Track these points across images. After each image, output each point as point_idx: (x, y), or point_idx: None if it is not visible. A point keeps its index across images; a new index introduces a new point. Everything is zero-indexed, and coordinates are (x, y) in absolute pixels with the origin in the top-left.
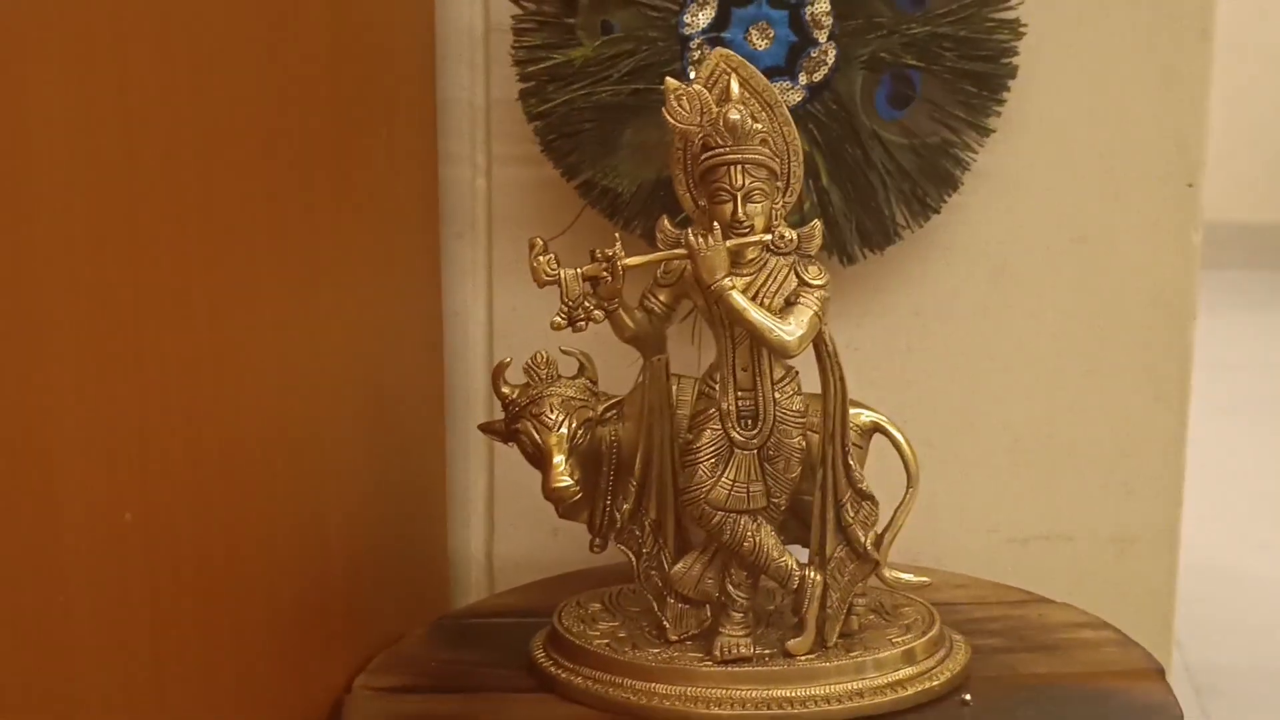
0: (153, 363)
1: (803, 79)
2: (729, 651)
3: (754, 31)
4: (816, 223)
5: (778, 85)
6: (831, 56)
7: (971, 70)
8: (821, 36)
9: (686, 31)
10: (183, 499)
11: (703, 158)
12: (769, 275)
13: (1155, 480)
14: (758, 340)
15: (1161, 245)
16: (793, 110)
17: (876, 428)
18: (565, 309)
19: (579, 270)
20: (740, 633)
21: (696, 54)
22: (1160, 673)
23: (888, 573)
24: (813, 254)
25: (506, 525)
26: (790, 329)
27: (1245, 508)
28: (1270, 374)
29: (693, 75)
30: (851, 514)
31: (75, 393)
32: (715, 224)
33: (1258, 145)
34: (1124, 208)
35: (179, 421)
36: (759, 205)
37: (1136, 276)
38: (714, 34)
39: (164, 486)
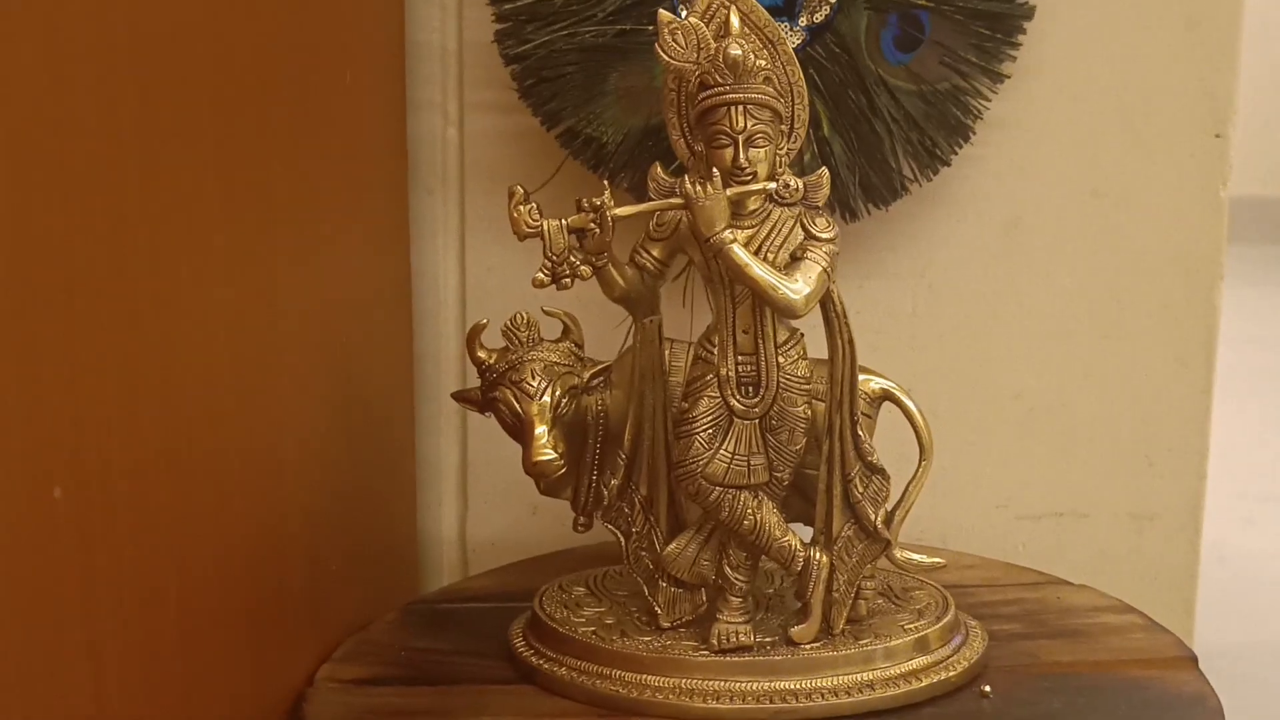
0: (87, 327)
1: (803, 20)
2: (727, 639)
3: None
4: (824, 171)
5: None
6: None
7: (984, 10)
8: None
9: None
10: (121, 473)
11: (700, 98)
12: (773, 227)
13: (1177, 453)
14: (761, 299)
15: (1187, 200)
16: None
17: (887, 395)
18: (549, 264)
19: (564, 221)
20: (739, 619)
21: None
22: (1193, 661)
23: (899, 553)
24: (820, 204)
25: (481, 502)
26: (797, 286)
27: (1261, 487)
28: None
29: (684, 15)
30: (860, 489)
31: None
32: (714, 171)
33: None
34: (1147, 160)
35: (116, 389)
36: (762, 150)
37: (1159, 234)
38: None
39: (99, 459)
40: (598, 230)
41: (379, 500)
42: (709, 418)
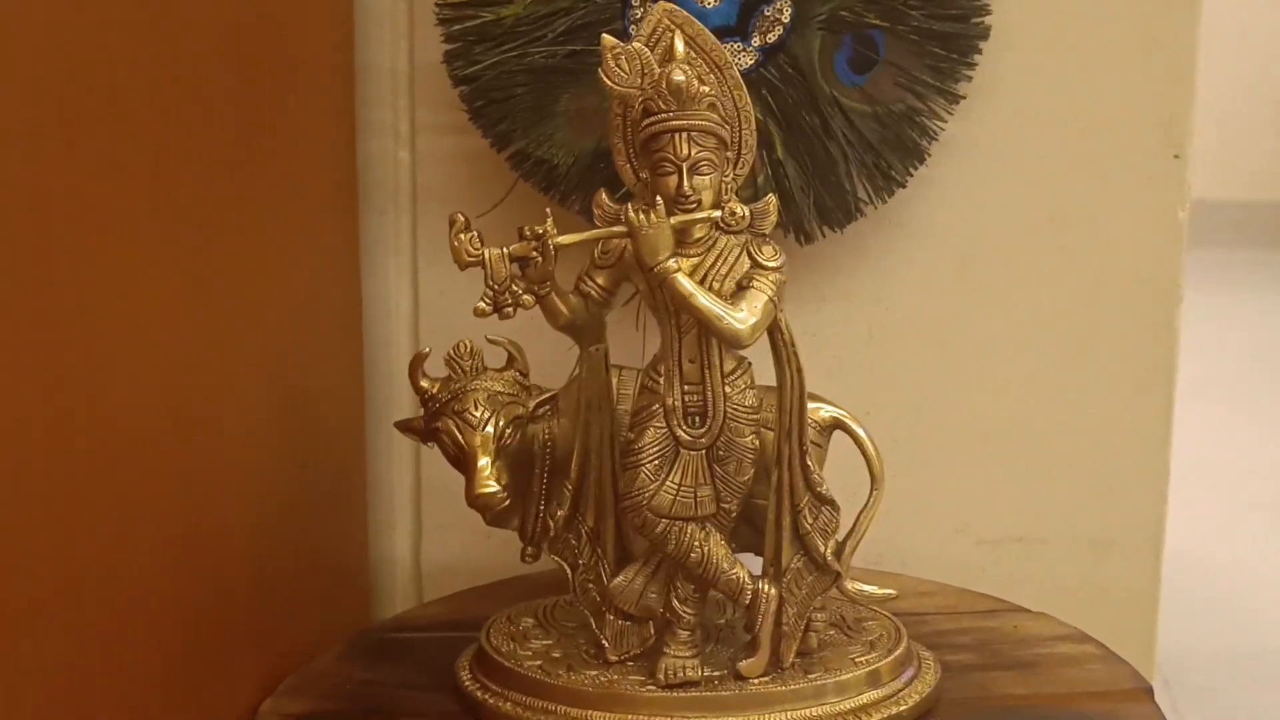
0: (13, 351)
1: (756, 40)
2: (675, 674)
3: None
4: (771, 198)
5: (728, 46)
6: (787, 15)
7: (940, 31)
8: None
9: None
10: (48, 502)
11: (644, 124)
12: (718, 256)
13: (1137, 479)
14: (706, 328)
15: (1145, 223)
16: (744, 74)
17: (837, 424)
18: (490, 293)
19: (505, 250)
20: (687, 653)
21: (639, 12)
22: (1148, 693)
23: (850, 585)
24: (767, 232)
25: (435, 527)
26: (742, 316)
27: (1223, 492)
28: (1255, 356)
29: (634, 34)
30: (810, 520)
31: None
32: (658, 198)
33: (1242, 119)
34: (1105, 182)
35: (42, 413)
36: (707, 178)
37: (1118, 257)
38: None
39: (21, 488)
40: (540, 259)
41: (328, 525)
42: (655, 448)
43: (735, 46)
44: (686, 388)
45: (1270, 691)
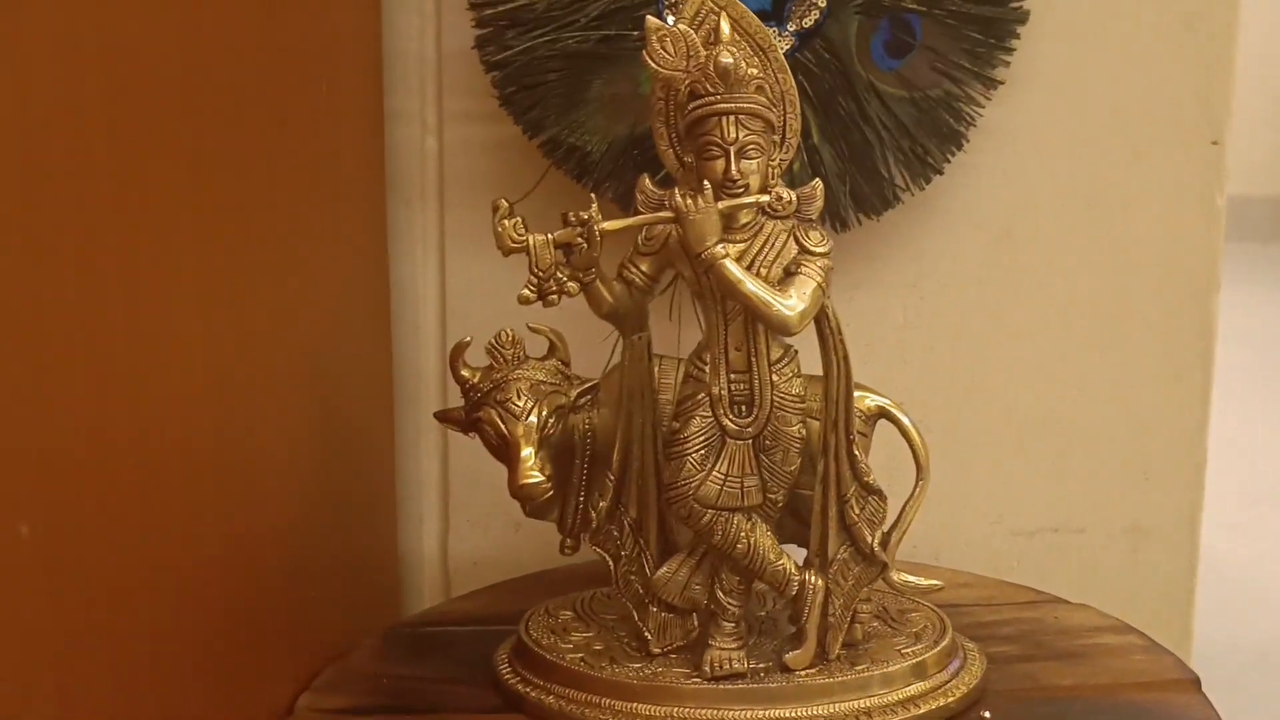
0: (53, 349)
1: (792, 25)
2: (720, 666)
3: None
4: (818, 182)
5: None
6: (824, 0)
7: (977, 15)
8: None
9: None
10: (90, 505)
11: (690, 108)
12: (765, 241)
13: (1174, 467)
14: (754, 315)
15: (1183, 209)
16: None
17: (883, 413)
18: (535, 280)
19: (550, 236)
20: (732, 645)
21: None
22: (1195, 683)
23: (896, 576)
24: (814, 217)
25: (463, 521)
26: (791, 303)
27: (1260, 482)
28: None
29: (671, 21)
30: (856, 510)
31: None
32: (705, 183)
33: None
34: (1142, 168)
35: (85, 416)
36: (755, 162)
37: (1155, 243)
38: None
39: (67, 492)
40: (585, 245)
41: (358, 519)
42: (701, 438)
43: (772, 31)
44: (733, 376)
45: None
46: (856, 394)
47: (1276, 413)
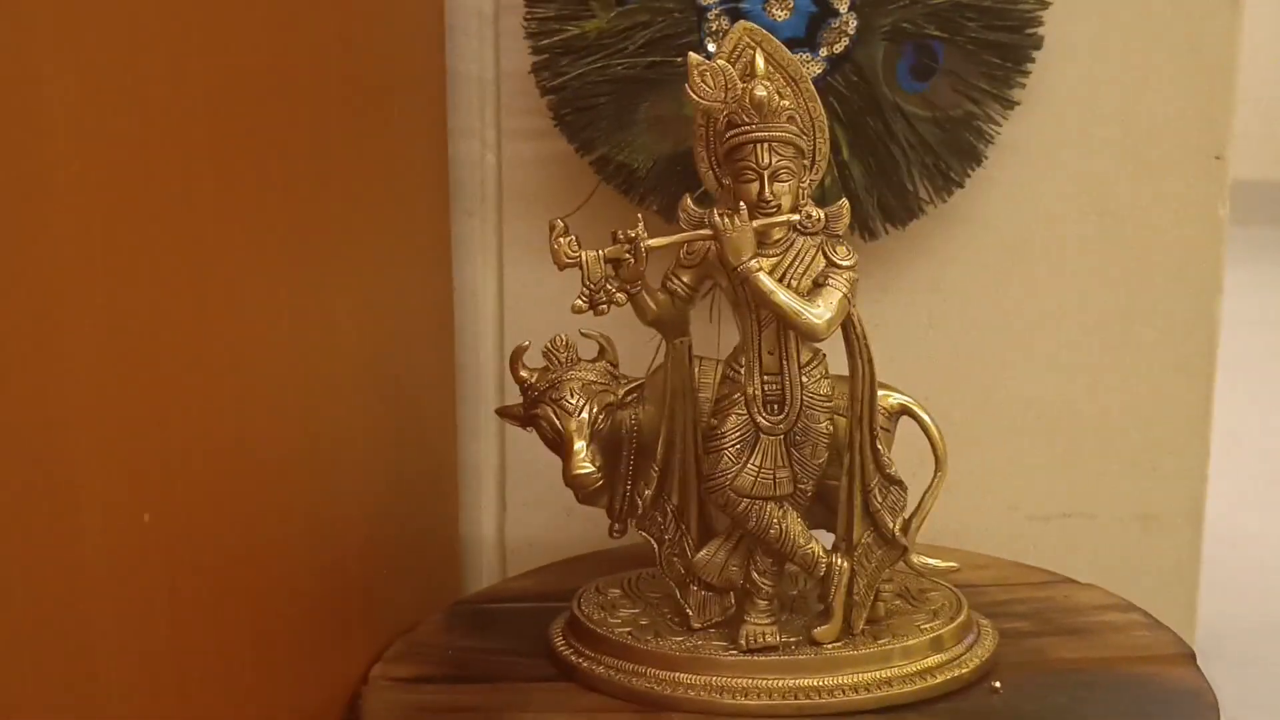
0: (167, 358)
1: (823, 51)
2: (754, 640)
3: (773, 2)
4: (844, 202)
5: (797, 57)
6: (852, 27)
7: (995, 40)
8: (842, 7)
9: (704, 2)
10: (199, 496)
11: (728, 135)
12: (796, 256)
13: (1179, 456)
14: (785, 323)
15: (1187, 219)
16: (813, 83)
17: (904, 410)
18: (586, 292)
19: (600, 252)
20: (765, 620)
21: (714, 25)
22: (1191, 657)
23: (915, 558)
24: (840, 234)
25: (519, 506)
26: (819, 311)
27: (1262, 467)
28: None
29: (711, 48)
30: (879, 499)
31: (92, 395)
32: (741, 204)
33: None
34: (1149, 180)
35: (194, 418)
36: (786, 184)
37: (1161, 250)
38: (732, 4)
39: (181, 485)
40: (632, 260)
41: (425, 505)
42: (737, 434)
43: (804, 56)
44: (766, 378)
45: None
46: (880, 393)
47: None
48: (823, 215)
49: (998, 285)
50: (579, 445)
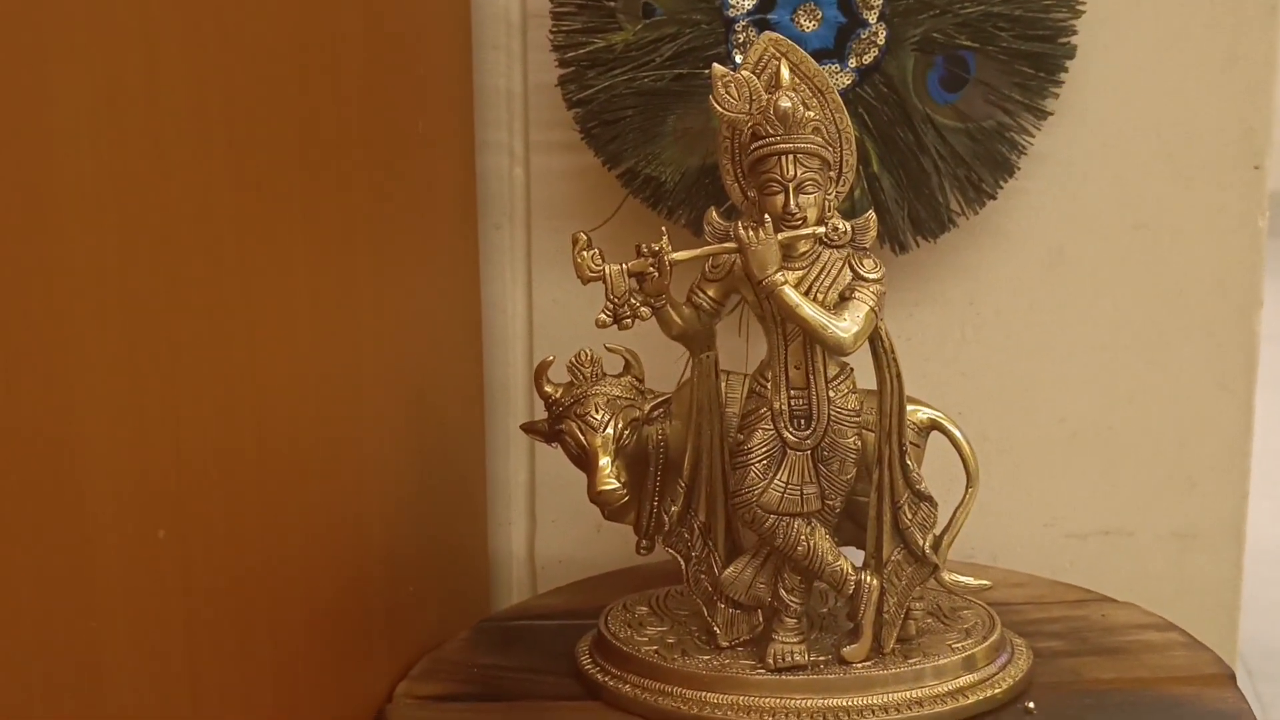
0: (185, 368)
1: (852, 62)
2: (783, 659)
3: (801, 13)
4: (871, 214)
5: (826, 68)
6: (882, 38)
7: (1028, 50)
8: (871, 17)
9: (731, 14)
10: (217, 510)
11: (752, 147)
12: (822, 269)
13: (1219, 473)
14: (812, 337)
15: (1226, 230)
16: (842, 94)
17: (934, 425)
18: (611, 306)
19: (624, 266)
20: (794, 639)
21: (741, 37)
22: (1231, 678)
23: (947, 576)
24: (867, 246)
25: (548, 522)
26: (846, 325)
27: None
28: None
29: (739, 60)
30: (909, 516)
31: (107, 409)
32: (766, 216)
33: None
34: (1187, 192)
35: (212, 430)
36: (812, 196)
37: (1199, 263)
38: (759, 16)
39: (197, 499)
40: (656, 274)
41: (452, 522)
42: (764, 449)
43: (833, 68)
44: (793, 392)
45: None
46: (910, 407)
47: None
48: (849, 228)
49: (1032, 299)
50: (604, 461)
